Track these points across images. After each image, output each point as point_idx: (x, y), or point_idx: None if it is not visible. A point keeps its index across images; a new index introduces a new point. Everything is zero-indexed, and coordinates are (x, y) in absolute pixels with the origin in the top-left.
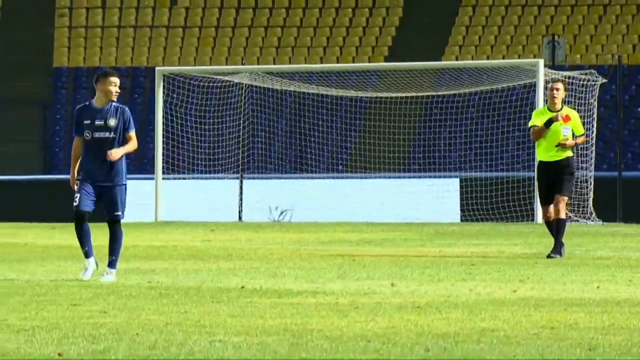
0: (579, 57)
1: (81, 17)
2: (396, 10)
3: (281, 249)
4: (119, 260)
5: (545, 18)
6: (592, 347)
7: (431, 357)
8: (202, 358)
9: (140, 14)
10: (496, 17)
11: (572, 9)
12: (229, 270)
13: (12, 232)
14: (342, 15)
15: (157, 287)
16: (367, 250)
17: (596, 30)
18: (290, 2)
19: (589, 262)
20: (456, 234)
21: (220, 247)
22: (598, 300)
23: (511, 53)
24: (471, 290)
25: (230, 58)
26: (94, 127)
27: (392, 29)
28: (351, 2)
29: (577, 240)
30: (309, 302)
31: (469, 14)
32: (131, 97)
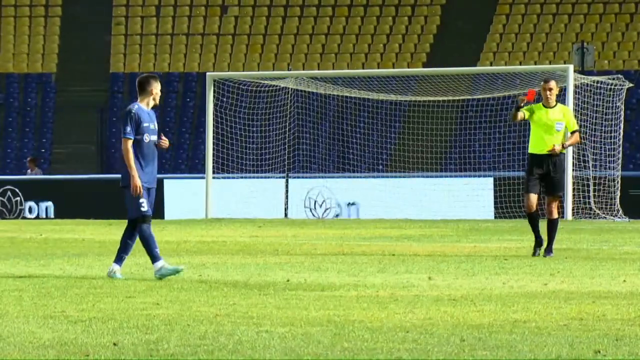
0: (607, 62)
1: (136, 25)
2: (434, 18)
3: (324, 245)
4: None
5: (575, 26)
6: (619, 338)
7: (466, 347)
8: (249, 348)
9: (192, 22)
10: (528, 25)
11: (600, 17)
12: (275, 265)
13: (71, 228)
14: (383, 23)
15: (207, 281)
16: (406, 246)
17: (623, 37)
18: (334, 11)
19: (616, 257)
20: (490, 230)
21: (267, 242)
22: (624, 293)
23: (542, 59)
24: (504, 284)
25: (277, 64)
26: (151, 130)
27: (430, 37)
28: (391, 11)
29: (605, 236)
30: (350, 294)
31: (503, 22)
32: (183, 101)
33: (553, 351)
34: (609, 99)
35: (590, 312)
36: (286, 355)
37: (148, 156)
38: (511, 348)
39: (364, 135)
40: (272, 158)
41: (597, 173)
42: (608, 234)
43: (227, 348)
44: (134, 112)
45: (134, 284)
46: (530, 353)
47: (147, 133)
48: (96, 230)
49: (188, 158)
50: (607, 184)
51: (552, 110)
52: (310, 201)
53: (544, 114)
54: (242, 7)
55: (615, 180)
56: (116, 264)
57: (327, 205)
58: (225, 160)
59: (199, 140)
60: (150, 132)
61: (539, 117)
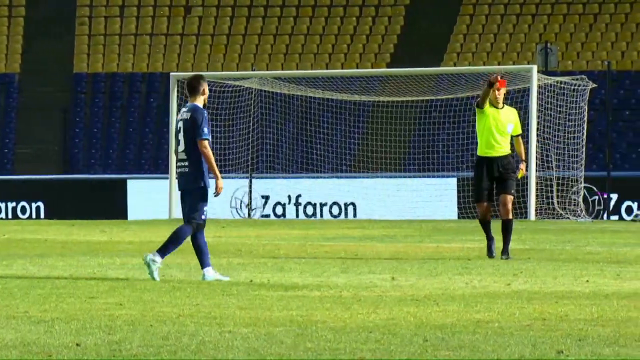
0: (571, 63)
1: (100, 25)
2: (398, 19)
3: (288, 245)
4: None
5: (539, 26)
6: (581, 338)
7: (429, 347)
8: (212, 348)
9: (156, 22)
10: (492, 25)
11: (564, 18)
12: (239, 265)
13: (34, 229)
14: (347, 24)
15: (170, 281)
16: (369, 246)
17: (587, 37)
18: (298, 11)
19: (579, 257)
20: (453, 230)
21: (230, 243)
22: (587, 294)
23: (506, 59)
24: (467, 284)
25: (241, 64)
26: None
27: (394, 37)
28: (355, 11)
29: (568, 236)
30: (313, 295)
31: (467, 22)
32: (147, 101)
33: (516, 351)
34: (572, 100)
35: (553, 312)
36: (249, 356)
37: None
38: (474, 348)
39: (328, 136)
40: (236, 158)
41: (560, 173)
42: (571, 234)
43: (190, 348)
44: (205, 113)
45: (96, 285)
46: (493, 353)
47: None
48: (59, 230)
49: (151, 158)
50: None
51: (502, 111)
52: (236, 201)
53: (496, 114)
54: (206, 7)
55: (579, 180)
56: (207, 268)
57: (254, 205)
58: None
59: (163, 141)
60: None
61: (492, 117)
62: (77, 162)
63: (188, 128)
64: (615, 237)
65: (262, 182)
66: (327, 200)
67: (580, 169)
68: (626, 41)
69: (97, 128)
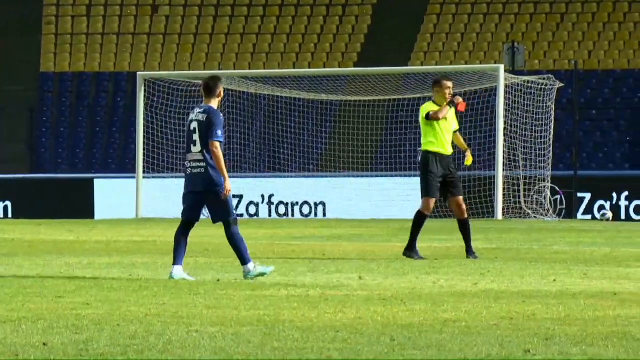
0: (538, 62)
1: (67, 24)
2: (365, 18)
3: (255, 244)
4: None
5: (506, 26)
6: (548, 337)
7: (396, 347)
8: (179, 347)
9: (123, 22)
10: (459, 25)
11: (531, 17)
12: (206, 264)
13: (0, 228)
14: (314, 23)
15: (137, 280)
16: (337, 245)
17: (554, 37)
18: (265, 10)
19: (546, 257)
20: None
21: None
22: (554, 293)
23: (473, 59)
24: (434, 283)
25: (208, 63)
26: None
27: (361, 36)
28: (322, 10)
29: (535, 235)
30: (281, 294)
31: (434, 21)
32: (114, 101)
33: (483, 350)
34: (539, 99)
35: (520, 312)
36: (216, 355)
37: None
38: (441, 347)
39: (295, 135)
40: None
41: (528, 173)
42: (538, 234)
43: (157, 348)
44: (221, 115)
45: (63, 284)
46: (460, 352)
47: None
48: (26, 230)
49: (118, 157)
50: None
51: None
52: None
53: (448, 116)
54: (173, 6)
55: (546, 180)
56: (247, 264)
57: None
58: (155, 160)
59: (130, 140)
60: None
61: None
62: (44, 161)
63: (203, 129)
64: (582, 237)
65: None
66: (297, 199)
67: (547, 169)
68: (593, 40)
69: (64, 127)
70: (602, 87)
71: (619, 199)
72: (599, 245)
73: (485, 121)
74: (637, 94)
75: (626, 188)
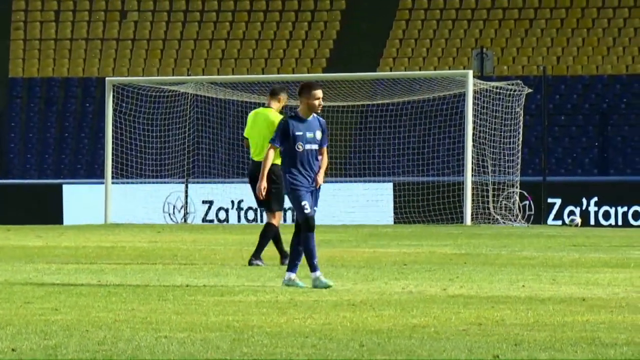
0: (506, 68)
1: (35, 30)
2: (334, 24)
3: (224, 250)
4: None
5: (474, 31)
6: (517, 343)
7: (365, 352)
8: (148, 353)
9: (92, 27)
10: (428, 30)
11: (499, 23)
12: (174, 270)
13: None
14: (282, 29)
15: (106, 286)
16: None
17: (522, 42)
18: (234, 16)
19: (515, 262)
20: (389, 235)
21: (166, 248)
22: (523, 298)
23: (442, 64)
24: (403, 289)
25: (177, 69)
26: (306, 139)
27: (330, 42)
28: (291, 16)
29: (504, 241)
30: (249, 300)
31: (403, 27)
32: (82, 106)
33: (452, 356)
34: (508, 105)
35: (489, 317)
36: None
37: (304, 163)
38: (410, 353)
39: None
40: (172, 163)
41: (496, 178)
42: (507, 239)
43: (125, 353)
44: (285, 120)
45: (32, 290)
46: (429, 358)
47: (300, 141)
48: None
49: (87, 163)
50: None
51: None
52: (168, 206)
53: None
54: (142, 12)
55: (515, 185)
56: (291, 272)
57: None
58: (124, 166)
59: (98, 146)
60: (305, 140)
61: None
62: (12, 167)
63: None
64: (551, 242)
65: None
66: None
67: (516, 174)
68: (562, 46)
69: (32, 133)
70: (571, 93)
71: (588, 204)
72: (568, 250)
73: (454, 127)
74: (606, 99)
75: (595, 194)
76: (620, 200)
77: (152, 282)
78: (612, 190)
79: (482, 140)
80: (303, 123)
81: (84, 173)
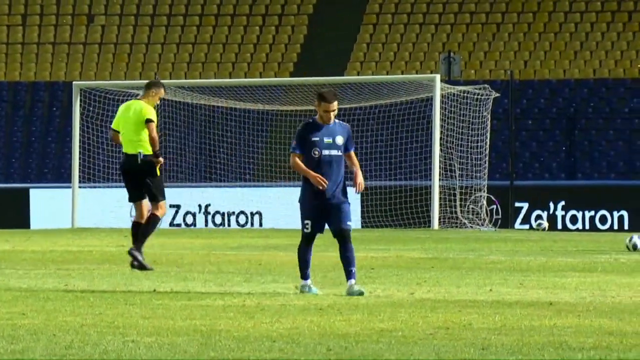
0: (474, 72)
1: (2, 34)
2: (301, 28)
3: (191, 254)
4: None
5: (442, 36)
6: (485, 347)
7: (332, 356)
8: (115, 357)
9: (59, 31)
10: (395, 34)
11: (467, 27)
12: (142, 274)
13: None
14: (250, 33)
15: (73, 290)
16: (273, 255)
17: (490, 47)
18: (201, 20)
19: (482, 266)
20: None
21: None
22: (491, 302)
23: (409, 69)
24: (371, 293)
25: (144, 73)
26: (324, 144)
27: (298, 46)
28: (258, 20)
29: (471, 245)
30: (217, 304)
31: (370, 31)
32: (50, 110)
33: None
34: (475, 109)
35: (456, 321)
36: None
37: (323, 169)
38: (377, 357)
39: (231, 145)
40: None
41: (464, 182)
42: (474, 243)
43: (93, 358)
44: (302, 126)
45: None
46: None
47: (317, 147)
48: None
49: (54, 167)
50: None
51: None
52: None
53: None
54: (109, 16)
55: (482, 189)
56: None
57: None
58: (91, 170)
59: (66, 150)
60: (323, 146)
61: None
62: None
63: None
64: (519, 246)
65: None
66: (234, 209)
67: (483, 178)
68: (529, 50)
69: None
70: (538, 97)
71: (556, 208)
72: (535, 255)
73: (422, 131)
74: (573, 103)
75: (562, 198)
76: (588, 204)
77: (120, 287)
78: (579, 194)
79: (449, 145)
80: (321, 129)
81: (51, 177)
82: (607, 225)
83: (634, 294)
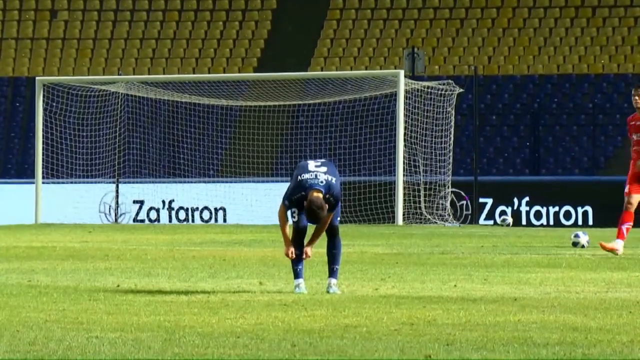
0: (438, 68)
1: None
2: (265, 23)
3: (155, 250)
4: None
5: (406, 31)
6: (449, 342)
7: (297, 352)
8: (79, 353)
9: (22, 26)
10: (359, 30)
11: (430, 23)
12: (105, 270)
13: None
14: (213, 28)
15: (36, 286)
16: (237, 251)
17: (453, 42)
18: (164, 15)
19: (447, 262)
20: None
21: (97, 247)
22: (455, 298)
23: (373, 64)
24: None
25: (107, 68)
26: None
27: (261, 42)
28: (222, 15)
29: (436, 241)
30: (181, 300)
31: (334, 27)
32: (12, 106)
33: (384, 356)
34: (439, 105)
35: (421, 317)
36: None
37: None
38: (342, 353)
39: (195, 140)
40: (103, 163)
41: (428, 178)
42: (439, 239)
43: (57, 354)
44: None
45: None
46: (361, 358)
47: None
48: None
49: (17, 163)
50: (437, 189)
51: None
52: (105, 206)
53: None
54: (72, 11)
55: (446, 185)
56: (331, 277)
57: (122, 210)
58: (55, 165)
59: (29, 145)
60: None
61: None
62: None
63: None
64: (483, 242)
65: (132, 186)
66: (198, 205)
67: (447, 174)
68: (493, 46)
69: None
70: (502, 93)
71: (520, 204)
72: (500, 250)
73: (385, 127)
74: (537, 99)
75: (526, 193)
76: (552, 200)
77: (83, 282)
78: (543, 190)
79: (413, 140)
80: None
81: (14, 173)
82: (572, 221)
83: (599, 289)
